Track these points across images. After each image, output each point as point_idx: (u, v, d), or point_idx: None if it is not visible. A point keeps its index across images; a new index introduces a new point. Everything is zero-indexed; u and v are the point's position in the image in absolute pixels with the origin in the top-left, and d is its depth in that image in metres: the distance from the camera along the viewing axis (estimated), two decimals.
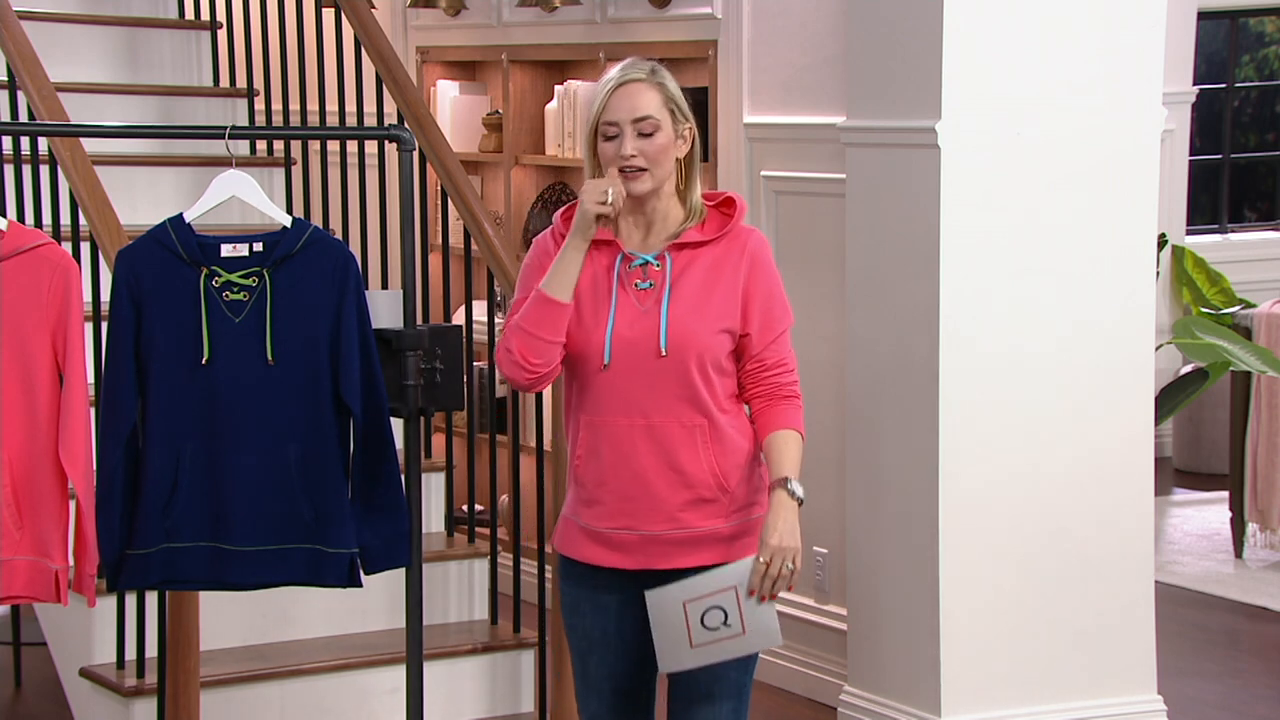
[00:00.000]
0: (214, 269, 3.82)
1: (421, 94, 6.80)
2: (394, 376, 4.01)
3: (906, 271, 5.34)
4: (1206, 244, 10.43)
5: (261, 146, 6.81)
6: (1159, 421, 6.77)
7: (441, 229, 6.19)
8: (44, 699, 5.85)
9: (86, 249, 5.23)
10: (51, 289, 3.73)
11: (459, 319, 6.32)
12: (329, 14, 6.31)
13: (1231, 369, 7.47)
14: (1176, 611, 6.96)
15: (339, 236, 5.26)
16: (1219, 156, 11.04)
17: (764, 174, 6.11)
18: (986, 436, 5.30)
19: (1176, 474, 9.51)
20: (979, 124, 5.25)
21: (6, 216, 4.33)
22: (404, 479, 3.99)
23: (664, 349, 3.61)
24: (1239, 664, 6.62)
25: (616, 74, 3.67)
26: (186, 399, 3.81)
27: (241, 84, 6.92)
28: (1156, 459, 5.86)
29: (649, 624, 3.63)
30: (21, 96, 5.49)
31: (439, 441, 5.96)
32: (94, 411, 3.89)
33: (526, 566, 6.39)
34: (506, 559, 6.03)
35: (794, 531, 3.59)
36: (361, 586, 3.94)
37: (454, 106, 7.43)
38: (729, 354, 3.66)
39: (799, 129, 5.97)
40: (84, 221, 5.17)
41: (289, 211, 6.17)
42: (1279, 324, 7.80)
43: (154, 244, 3.82)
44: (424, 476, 5.23)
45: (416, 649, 4.10)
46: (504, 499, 6.77)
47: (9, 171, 5.60)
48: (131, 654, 4.99)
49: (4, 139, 5.49)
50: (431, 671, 4.58)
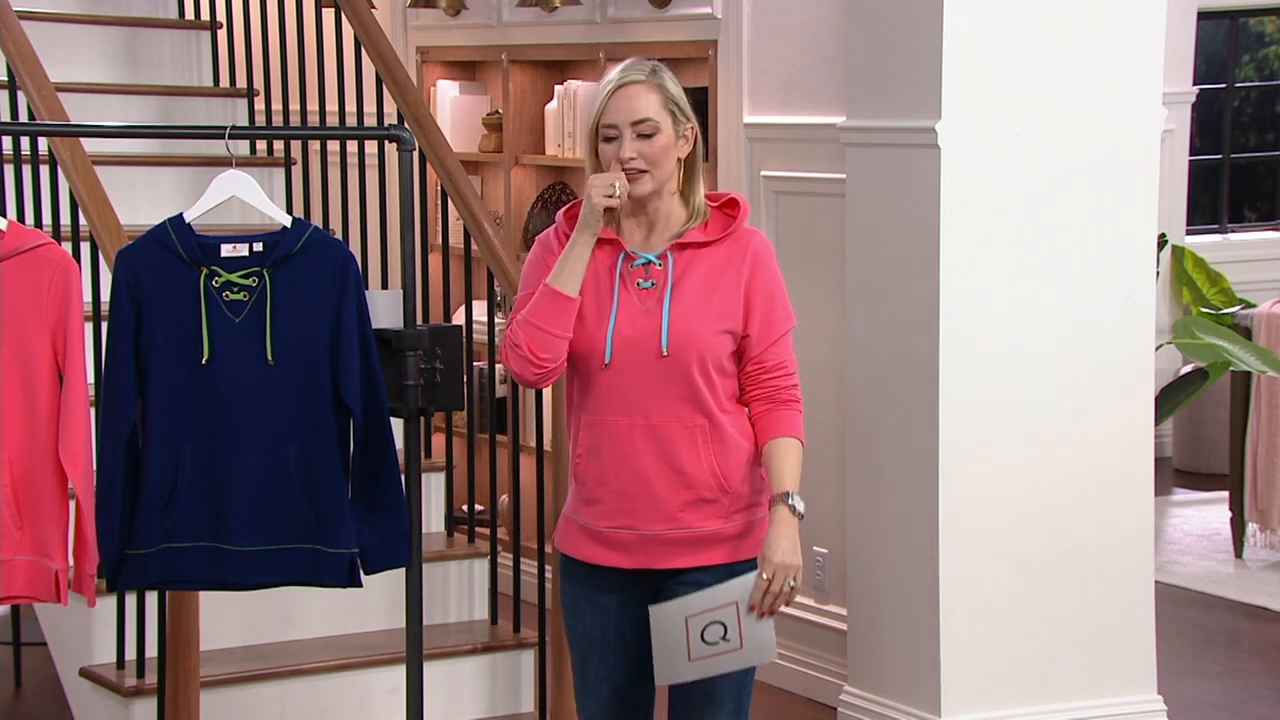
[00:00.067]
0: (214, 269, 3.82)
1: (421, 94, 6.79)
2: (394, 376, 4.01)
3: (906, 271, 5.34)
4: (1206, 244, 10.43)
5: (261, 146, 6.80)
6: (1159, 421, 6.77)
7: (441, 229, 6.19)
8: (44, 699, 5.85)
9: (86, 249, 5.22)
10: (51, 289, 3.73)
11: (459, 319, 6.32)
12: (329, 14, 6.31)
13: (1231, 369, 7.46)
14: (1176, 611, 6.95)
15: (339, 236, 5.26)
16: (1219, 156, 11.03)
17: (764, 174, 6.10)
18: (986, 436, 5.29)
19: (1176, 474, 9.50)
20: (979, 124, 5.25)
21: (6, 216, 4.32)
22: (404, 479, 3.99)
23: (665, 349, 3.61)
24: (1239, 664, 6.62)
25: (616, 75, 3.66)
26: (186, 399, 3.81)
27: (241, 84, 6.92)
28: (1156, 459, 5.86)
29: (649, 631, 3.64)
30: (21, 96, 5.49)
31: (439, 441, 5.96)
32: (94, 411, 3.89)
33: (526, 566, 6.39)
34: (506, 559, 6.03)
35: (795, 549, 3.58)
36: (361, 586, 3.94)
37: (454, 106, 7.43)
38: (730, 355, 3.66)
39: (799, 129, 5.97)
40: (84, 221, 5.16)
41: (289, 211, 6.16)
42: (1279, 324, 7.79)
43: (154, 244, 3.82)
44: (424, 476, 5.23)
45: (416, 649, 4.10)
46: (504, 499, 6.76)
47: (9, 171, 5.60)
48: (131, 654, 4.99)
49: (4, 139, 5.48)
50: (431, 671, 4.58)
